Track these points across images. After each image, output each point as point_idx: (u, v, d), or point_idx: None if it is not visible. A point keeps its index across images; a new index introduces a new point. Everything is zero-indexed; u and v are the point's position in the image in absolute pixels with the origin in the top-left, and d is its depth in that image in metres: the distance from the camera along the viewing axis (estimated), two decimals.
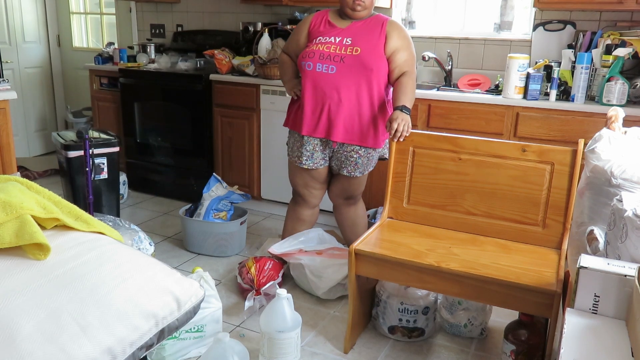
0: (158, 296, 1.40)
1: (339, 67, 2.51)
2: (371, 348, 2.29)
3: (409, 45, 2.60)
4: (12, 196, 1.44)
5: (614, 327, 1.33)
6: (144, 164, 4.17)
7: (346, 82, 2.52)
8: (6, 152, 2.93)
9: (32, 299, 1.22)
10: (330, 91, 2.54)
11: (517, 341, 2.03)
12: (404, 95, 2.48)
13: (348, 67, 2.51)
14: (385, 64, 2.55)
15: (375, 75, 2.53)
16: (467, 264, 1.98)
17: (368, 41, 2.53)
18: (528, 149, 2.18)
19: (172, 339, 2.08)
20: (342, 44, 2.52)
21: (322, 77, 2.54)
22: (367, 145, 2.61)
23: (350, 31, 2.56)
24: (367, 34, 2.55)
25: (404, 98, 2.47)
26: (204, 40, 4.22)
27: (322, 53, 2.52)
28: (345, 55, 2.51)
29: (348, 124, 2.57)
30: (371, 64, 2.50)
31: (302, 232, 2.85)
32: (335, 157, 2.68)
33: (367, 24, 2.58)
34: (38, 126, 5.25)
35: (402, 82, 2.54)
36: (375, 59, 2.52)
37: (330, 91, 2.54)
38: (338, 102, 2.54)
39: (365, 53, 2.50)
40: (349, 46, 2.52)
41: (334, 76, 2.52)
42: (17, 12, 4.93)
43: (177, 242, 3.30)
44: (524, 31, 3.42)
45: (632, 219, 1.47)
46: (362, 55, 2.50)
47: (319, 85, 2.55)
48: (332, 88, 2.53)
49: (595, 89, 2.95)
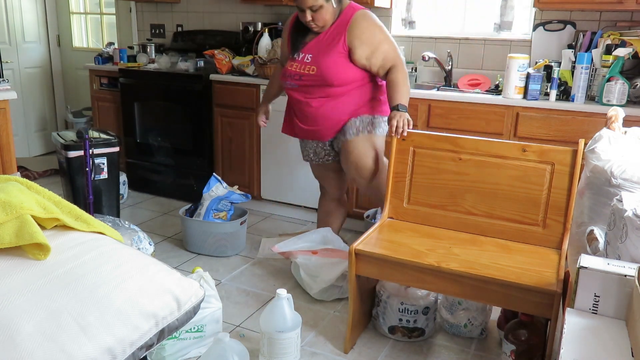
0: (158, 296, 1.40)
1: (300, 84, 2.53)
2: (371, 348, 2.29)
3: (381, 41, 2.47)
4: (12, 196, 1.44)
5: (614, 327, 1.33)
6: (144, 164, 4.17)
7: (312, 95, 2.53)
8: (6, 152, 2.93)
9: (32, 299, 1.22)
10: (302, 105, 2.58)
11: (517, 341, 2.03)
12: (396, 93, 2.45)
13: (308, 84, 2.51)
14: (354, 72, 2.48)
15: (342, 88, 2.50)
16: (467, 264, 1.98)
17: (327, 57, 2.46)
18: (528, 149, 2.18)
19: (172, 339, 2.08)
20: (303, 61, 2.51)
21: (291, 93, 2.61)
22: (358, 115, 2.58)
23: (312, 47, 2.51)
24: (328, 49, 2.47)
25: (397, 96, 2.44)
26: (204, 40, 4.22)
27: (288, 72, 2.57)
28: (303, 74, 2.50)
29: (330, 124, 2.58)
30: (331, 80, 2.47)
31: (309, 232, 2.87)
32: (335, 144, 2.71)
33: (330, 35, 2.48)
34: (38, 126, 5.25)
35: (391, 81, 2.48)
36: (337, 74, 2.46)
37: (302, 105, 2.58)
38: (314, 113, 2.56)
39: (323, 71, 2.46)
40: (307, 64, 2.49)
41: (298, 91, 2.56)
42: (17, 12, 4.93)
43: (177, 242, 3.30)
44: (524, 31, 3.42)
45: (632, 219, 1.47)
46: (320, 74, 2.46)
47: (292, 100, 2.65)
48: (302, 102, 2.57)
49: (595, 89, 2.95)
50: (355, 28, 2.43)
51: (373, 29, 2.46)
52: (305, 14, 2.40)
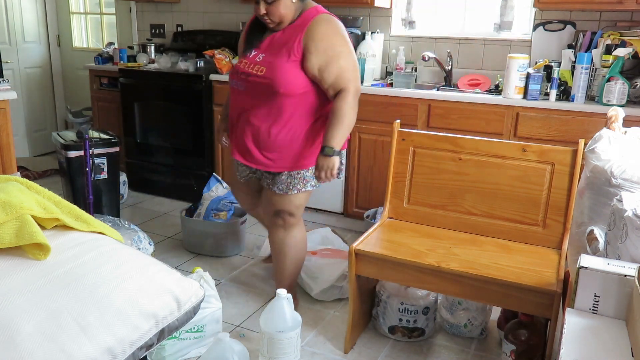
0: (158, 296, 1.40)
1: (246, 86, 2.20)
2: (371, 348, 2.29)
3: (340, 54, 2.11)
4: (12, 196, 1.43)
5: (614, 327, 1.33)
6: (144, 164, 4.17)
7: (254, 102, 2.19)
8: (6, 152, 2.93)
9: (32, 299, 1.22)
10: (240, 110, 2.26)
11: (517, 341, 2.03)
12: (331, 131, 2.12)
13: (253, 87, 2.18)
14: (303, 83, 2.14)
15: (287, 100, 2.15)
16: (467, 264, 1.98)
17: (278, 58, 2.13)
18: (528, 149, 2.18)
19: (172, 339, 2.08)
20: (254, 60, 2.19)
21: (235, 96, 2.29)
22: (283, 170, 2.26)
23: (266, 45, 2.20)
24: (280, 49, 2.14)
25: (329, 135, 2.12)
26: (204, 40, 4.22)
27: (236, 68, 2.26)
28: (251, 73, 2.17)
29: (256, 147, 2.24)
30: (277, 85, 2.11)
31: (308, 233, 2.86)
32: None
33: (287, 34, 2.15)
34: (38, 126, 5.25)
35: (333, 109, 2.13)
36: (286, 79, 2.11)
37: (240, 110, 2.26)
38: (246, 122, 2.23)
39: (271, 73, 2.12)
40: (257, 63, 2.17)
41: (243, 95, 2.23)
42: (17, 12, 4.93)
43: (177, 242, 3.30)
44: (524, 31, 3.42)
45: (632, 219, 1.47)
46: (268, 75, 2.12)
47: (232, 101, 2.32)
48: (241, 106, 2.25)
49: (595, 89, 2.95)
50: (314, 30, 2.11)
51: (334, 37, 2.13)
52: (259, 7, 2.10)
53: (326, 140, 2.13)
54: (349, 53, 2.15)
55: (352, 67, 2.15)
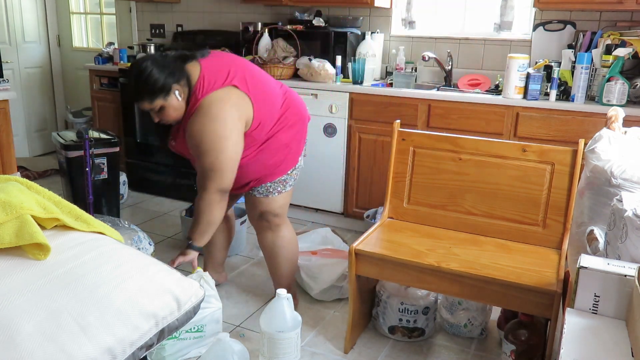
0: (158, 296, 1.40)
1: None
2: (371, 348, 2.29)
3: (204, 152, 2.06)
4: (12, 196, 1.43)
5: (614, 327, 1.33)
6: (144, 164, 4.17)
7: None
8: (6, 152, 2.93)
9: (32, 299, 1.22)
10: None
11: (517, 341, 2.03)
12: (192, 227, 2.19)
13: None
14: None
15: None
16: (467, 264, 1.98)
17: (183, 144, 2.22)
18: (528, 149, 2.18)
19: (172, 339, 2.08)
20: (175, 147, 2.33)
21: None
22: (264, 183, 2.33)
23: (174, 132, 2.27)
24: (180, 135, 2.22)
25: (191, 231, 2.20)
26: (204, 40, 4.22)
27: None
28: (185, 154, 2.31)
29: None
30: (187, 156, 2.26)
31: (308, 233, 2.86)
32: None
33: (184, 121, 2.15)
34: (38, 126, 5.25)
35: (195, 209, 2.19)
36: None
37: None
38: None
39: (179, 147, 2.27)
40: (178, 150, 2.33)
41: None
42: (17, 12, 4.93)
43: (177, 242, 3.30)
44: (524, 31, 3.42)
45: (632, 219, 1.47)
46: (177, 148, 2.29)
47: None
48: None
49: (595, 89, 2.95)
50: (189, 126, 2.10)
51: (203, 135, 2.05)
52: (153, 116, 2.13)
53: (189, 233, 2.20)
54: (217, 151, 2.05)
55: (217, 167, 2.07)
